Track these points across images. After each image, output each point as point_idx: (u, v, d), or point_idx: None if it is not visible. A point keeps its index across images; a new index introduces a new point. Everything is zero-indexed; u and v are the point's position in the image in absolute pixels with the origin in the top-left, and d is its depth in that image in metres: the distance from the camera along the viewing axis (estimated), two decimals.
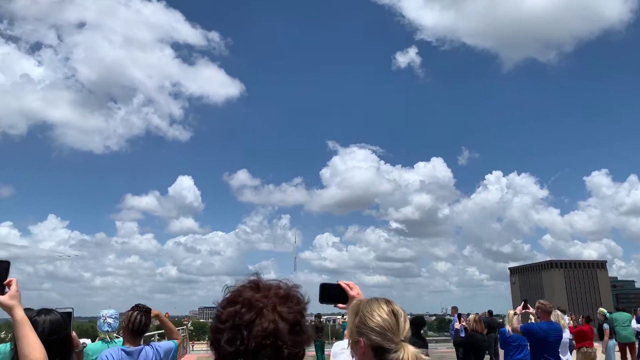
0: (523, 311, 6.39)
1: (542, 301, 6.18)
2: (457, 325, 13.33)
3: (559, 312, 7.46)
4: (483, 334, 6.38)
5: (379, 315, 1.52)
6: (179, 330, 4.58)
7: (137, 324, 3.34)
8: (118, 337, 4.16)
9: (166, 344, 3.52)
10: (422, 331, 7.84)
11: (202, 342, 30.08)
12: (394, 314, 1.53)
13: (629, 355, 11.83)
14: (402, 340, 1.48)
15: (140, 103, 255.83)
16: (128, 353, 3.22)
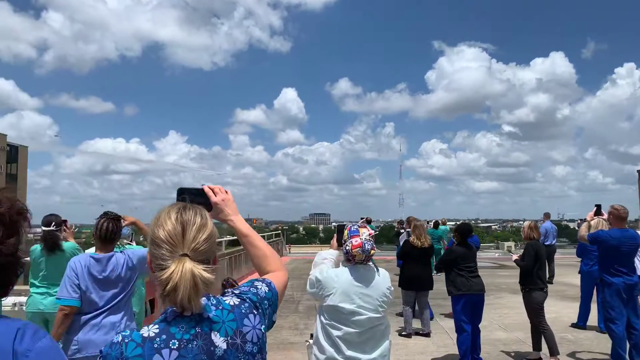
0: (596, 218, 5.71)
1: (615, 205, 5.55)
2: None
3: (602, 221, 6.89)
4: (538, 240, 5.97)
5: (164, 225, 1.27)
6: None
7: (105, 232, 3.31)
8: (130, 244, 4.42)
9: (140, 251, 3.46)
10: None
11: (312, 245, 30.06)
12: (181, 223, 1.26)
13: None
14: (187, 254, 1.21)
15: (241, 16, 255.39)
16: (97, 260, 3.24)
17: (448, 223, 15.55)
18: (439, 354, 6.28)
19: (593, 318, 7.52)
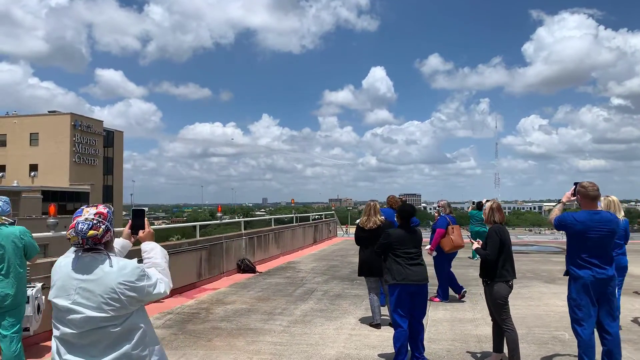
0: (573, 198, 4.73)
1: (583, 182, 4.61)
2: None
3: (612, 200, 5.92)
4: (502, 224, 5.15)
5: None
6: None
7: None
8: (7, 221, 4.43)
9: None
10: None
11: None
12: None
13: None
14: None
15: None
16: None
17: (546, 205, 14.52)
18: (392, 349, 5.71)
19: None
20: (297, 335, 6.25)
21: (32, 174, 51.72)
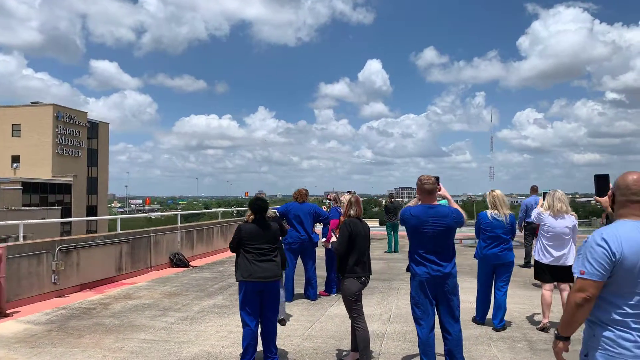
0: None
1: (421, 176, 4.47)
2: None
3: (496, 194, 6.00)
4: (358, 218, 5.09)
5: None
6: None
7: None
8: None
9: None
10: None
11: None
12: None
13: None
14: None
15: None
16: None
17: (541, 199, 14.51)
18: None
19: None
20: (174, 332, 6.13)
21: (14, 165, 51.39)
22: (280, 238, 5.34)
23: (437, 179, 4.66)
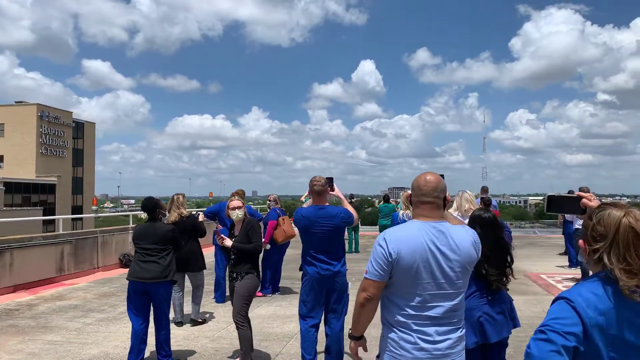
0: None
1: (313, 177, 4.48)
2: None
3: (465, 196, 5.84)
4: None
5: None
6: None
7: None
8: None
9: None
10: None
11: None
12: None
13: None
14: None
15: None
16: None
17: (532, 199, 14.56)
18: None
19: None
20: (85, 333, 6.07)
21: None
22: (200, 238, 5.33)
23: (331, 180, 4.65)
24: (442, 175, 4.47)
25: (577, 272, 9.46)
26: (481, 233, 3.33)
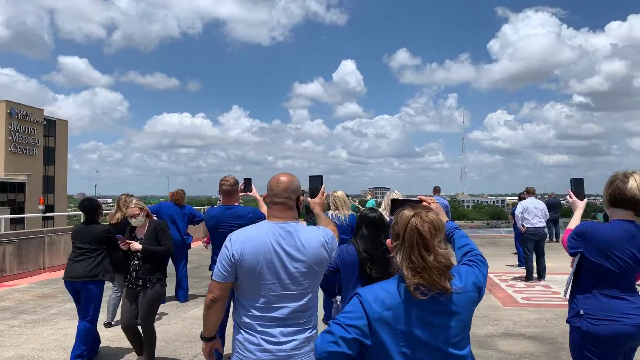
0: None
1: (225, 177, 4.46)
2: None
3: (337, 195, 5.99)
4: None
5: None
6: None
7: None
8: None
9: None
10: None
11: None
12: None
13: None
14: None
15: None
16: None
17: (510, 199, 14.77)
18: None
19: None
20: (6, 336, 5.91)
21: None
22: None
23: (249, 180, 4.59)
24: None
25: (524, 272, 9.58)
26: (367, 232, 3.35)
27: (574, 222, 2.95)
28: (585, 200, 3.08)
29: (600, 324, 2.60)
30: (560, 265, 11.18)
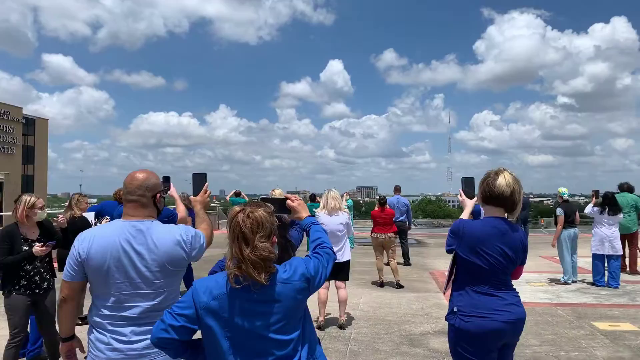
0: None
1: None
2: None
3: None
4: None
5: None
6: None
7: None
8: None
9: None
10: None
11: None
12: None
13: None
14: None
15: None
16: None
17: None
18: None
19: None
20: None
21: None
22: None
23: (167, 179, 4.53)
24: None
25: None
26: None
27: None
28: (475, 199, 3.10)
29: (471, 321, 2.62)
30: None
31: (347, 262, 6.06)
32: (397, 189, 11.58)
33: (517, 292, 2.76)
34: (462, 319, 2.65)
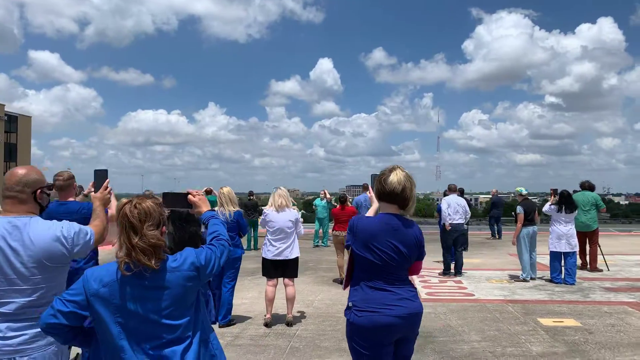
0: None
1: (59, 172, 4.37)
2: None
3: (222, 191, 6.08)
4: None
5: None
6: None
7: None
8: None
9: None
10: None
11: None
12: None
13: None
14: None
15: None
16: None
17: (482, 197, 15.04)
18: None
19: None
20: None
21: None
22: None
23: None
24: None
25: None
26: (171, 228, 3.36)
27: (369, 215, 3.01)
28: None
29: (363, 316, 2.65)
30: (487, 262, 11.42)
31: (296, 259, 6.07)
32: (366, 187, 11.62)
33: (414, 287, 2.80)
34: (356, 314, 2.68)
